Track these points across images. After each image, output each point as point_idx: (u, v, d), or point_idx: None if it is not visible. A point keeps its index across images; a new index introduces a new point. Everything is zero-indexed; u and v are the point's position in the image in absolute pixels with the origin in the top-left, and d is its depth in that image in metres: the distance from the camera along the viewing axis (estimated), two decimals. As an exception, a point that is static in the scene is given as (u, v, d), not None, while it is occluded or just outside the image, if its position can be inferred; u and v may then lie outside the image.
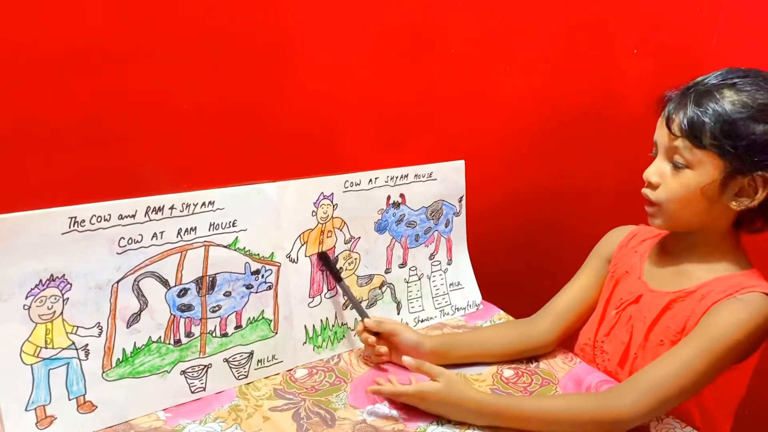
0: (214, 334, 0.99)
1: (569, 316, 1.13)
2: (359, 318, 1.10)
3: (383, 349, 1.06)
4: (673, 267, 1.03)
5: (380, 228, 1.18)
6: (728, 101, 0.91)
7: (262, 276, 1.03)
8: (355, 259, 1.15)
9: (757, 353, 0.97)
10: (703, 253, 1.00)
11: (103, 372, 0.90)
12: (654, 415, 0.92)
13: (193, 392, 0.97)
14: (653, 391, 0.90)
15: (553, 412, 0.92)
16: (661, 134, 0.97)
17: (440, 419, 0.95)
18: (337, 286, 1.12)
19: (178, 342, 0.96)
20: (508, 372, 1.09)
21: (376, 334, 1.07)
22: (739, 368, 0.96)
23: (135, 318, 0.92)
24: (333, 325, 1.12)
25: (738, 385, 1.00)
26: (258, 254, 1.02)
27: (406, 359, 0.97)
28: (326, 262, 1.10)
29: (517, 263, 1.51)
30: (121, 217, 0.88)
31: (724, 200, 0.94)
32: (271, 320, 1.04)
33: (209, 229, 0.96)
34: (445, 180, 1.24)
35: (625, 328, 1.05)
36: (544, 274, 1.22)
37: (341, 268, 1.13)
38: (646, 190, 0.99)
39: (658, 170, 0.97)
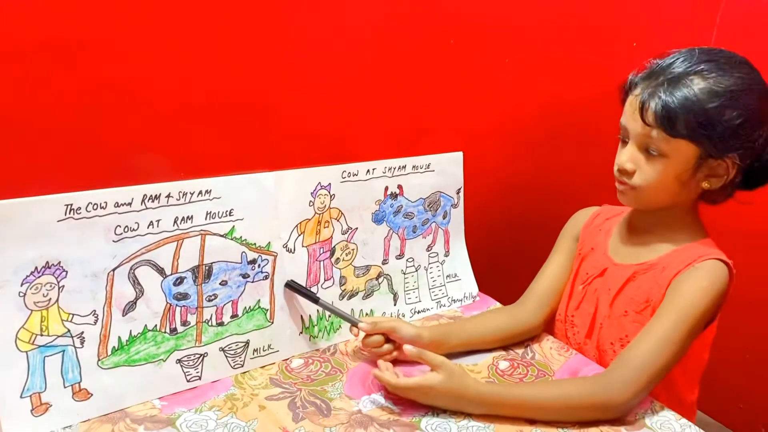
0: (210, 323, 0.99)
1: (551, 297, 1.17)
2: (351, 326, 1.10)
3: (389, 346, 1.05)
4: (637, 241, 1.07)
5: (378, 219, 1.18)
6: (698, 89, 0.92)
7: (259, 265, 1.02)
8: (353, 249, 1.15)
9: (716, 320, 1.01)
10: (667, 227, 1.04)
11: (99, 360, 0.90)
12: (644, 394, 0.95)
13: (188, 381, 0.97)
14: (640, 370, 0.93)
15: (549, 399, 0.94)
16: (632, 122, 0.97)
17: (435, 410, 0.95)
18: (317, 305, 1.08)
19: (173, 331, 0.96)
20: (503, 364, 1.09)
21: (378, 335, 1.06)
22: (701, 337, 1.00)
23: (131, 306, 0.92)
24: (329, 316, 1.12)
25: (701, 353, 1.04)
26: (254, 244, 1.01)
27: (407, 348, 0.97)
28: (297, 291, 1.07)
29: (514, 255, 1.50)
30: (117, 205, 0.88)
31: (696, 180, 0.98)
32: (267, 310, 1.04)
33: (206, 218, 0.96)
34: (443, 171, 1.24)
35: (591, 301, 1.09)
36: (540, 265, 1.22)
37: (338, 258, 1.13)
38: (621, 177, 1.00)
39: (631, 157, 0.98)
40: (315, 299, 1.07)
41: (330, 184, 1.10)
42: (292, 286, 1.06)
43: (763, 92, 0.96)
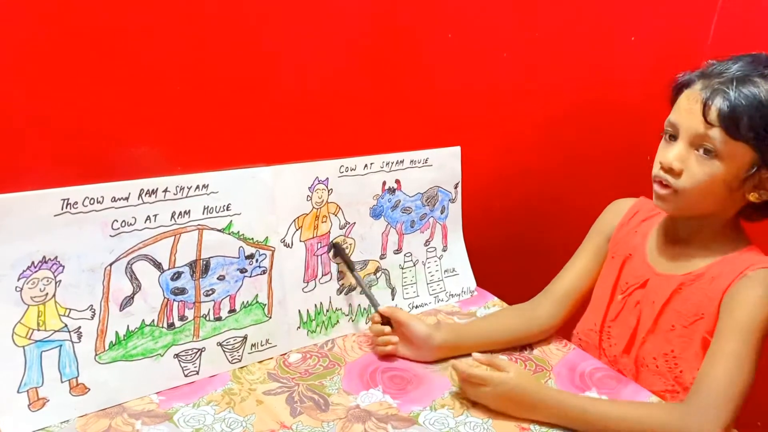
0: (207, 318, 0.99)
1: (571, 300, 1.12)
2: (372, 309, 1.10)
3: (395, 338, 1.05)
4: (677, 249, 1.02)
5: (375, 214, 1.17)
6: (765, 91, 0.88)
7: (256, 260, 1.02)
8: (350, 244, 1.15)
9: None
10: (708, 236, 0.99)
11: (96, 354, 0.90)
12: (731, 421, 0.88)
13: (186, 376, 0.97)
14: (727, 397, 0.88)
15: (633, 422, 0.89)
16: (689, 119, 0.91)
17: (433, 405, 0.95)
18: (351, 275, 1.12)
19: (171, 325, 0.96)
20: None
21: (386, 323, 1.07)
22: None
23: (128, 301, 0.91)
24: (327, 310, 1.12)
25: None
26: (252, 238, 1.01)
27: (477, 355, 0.96)
28: (340, 253, 1.11)
29: (512, 250, 1.51)
30: (114, 200, 0.88)
31: (743, 190, 0.93)
32: (264, 304, 1.04)
33: (203, 213, 0.96)
34: (441, 166, 1.24)
35: (632, 312, 1.04)
36: (538, 261, 1.22)
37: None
38: (665, 175, 0.94)
39: (680, 156, 0.92)
40: (352, 268, 1.11)
41: (328, 178, 1.09)
42: (336, 248, 1.10)
43: None
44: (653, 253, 1.05)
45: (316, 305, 1.10)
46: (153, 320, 0.94)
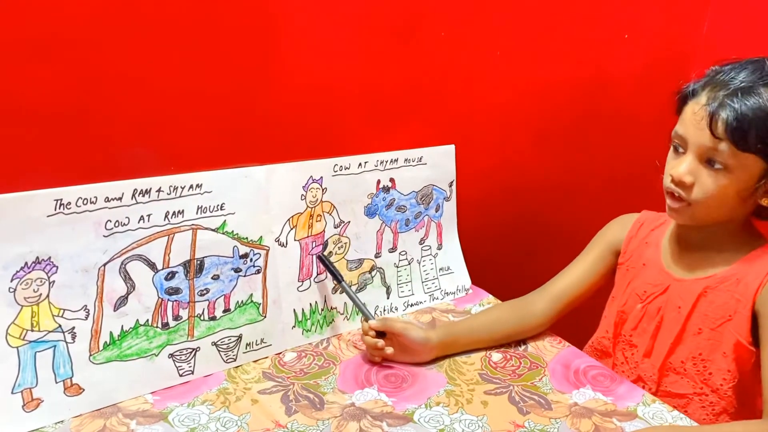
0: (202, 318, 0.99)
1: (566, 300, 1.13)
2: (364, 319, 1.08)
3: (390, 350, 1.04)
4: (694, 255, 1.02)
5: (370, 212, 1.17)
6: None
7: (251, 260, 1.02)
8: (345, 243, 1.15)
9: None
10: (723, 240, 0.99)
11: (90, 355, 0.90)
12: None
13: (181, 375, 0.97)
14: None
15: None
16: (696, 133, 0.91)
17: (428, 402, 0.95)
18: (339, 287, 1.12)
19: (165, 325, 0.96)
20: (496, 356, 1.09)
21: (382, 334, 1.05)
22: None
23: (122, 301, 0.91)
24: (322, 309, 1.12)
25: None
26: (246, 238, 1.01)
27: None
28: (326, 264, 1.11)
29: (507, 248, 1.51)
30: (107, 200, 0.88)
31: (755, 197, 0.93)
32: (259, 304, 1.04)
33: (197, 212, 0.96)
34: (435, 164, 1.24)
35: (653, 319, 1.04)
36: (532, 258, 1.22)
37: (331, 252, 1.13)
38: (676, 189, 0.94)
39: (691, 169, 0.92)
40: (339, 280, 1.10)
41: (322, 177, 1.09)
42: (322, 259, 1.10)
43: None
44: (669, 261, 1.05)
45: (310, 304, 1.10)
46: (147, 320, 0.94)
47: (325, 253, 1.12)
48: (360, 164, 1.14)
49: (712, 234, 0.99)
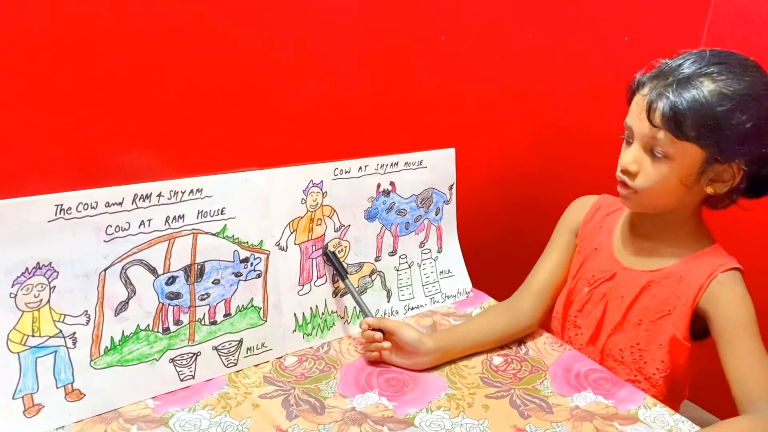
0: (203, 322, 0.99)
1: (548, 292, 1.16)
2: (363, 316, 1.09)
3: (386, 344, 1.04)
4: (643, 245, 1.06)
5: (370, 216, 1.17)
6: (708, 92, 0.90)
7: (251, 264, 1.02)
8: (345, 247, 1.15)
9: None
10: (672, 230, 1.03)
11: (91, 360, 0.90)
12: None
13: (182, 380, 0.97)
14: None
15: None
16: (638, 123, 0.95)
17: (429, 407, 0.95)
18: (342, 283, 1.12)
19: (166, 330, 0.96)
20: (497, 360, 1.09)
21: (379, 331, 1.06)
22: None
23: (123, 306, 0.91)
24: (323, 313, 1.12)
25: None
26: (247, 242, 1.01)
27: None
28: (332, 261, 1.11)
29: (507, 251, 1.51)
30: (108, 205, 0.88)
31: (701, 185, 0.96)
32: (260, 308, 1.04)
33: (197, 217, 0.96)
34: (435, 168, 1.24)
35: (598, 304, 1.09)
36: (533, 261, 1.22)
37: (333, 252, 1.13)
38: (623, 177, 0.99)
39: (635, 158, 0.96)
40: (344, 276, 1.10)
41: (322, 181, 1.09)
42: (329, 255, 1.10)
43: None
44: (619, 247, 1.09)
45: (311, 308, 1.10)
46: (148, 325, 0.94)
47: (324, 258, 1.12)
48: (360, 168, 1.14)
49: (662, 223, 1.03)
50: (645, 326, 1.04)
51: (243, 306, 1.02)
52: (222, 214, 0.98)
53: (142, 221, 0.91)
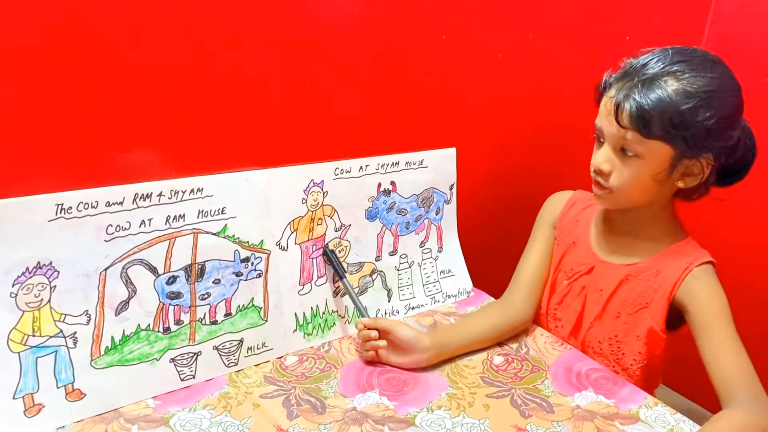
0: (203, 322, 0.99)
1: (537, 287, 1.18)
2: (359, 316, 1.09)
3: (382, 343, 1.04)
4: (620, 239, 1.09)
5: (371, 215, 1.17)
6: (672, 91, 0.92)
7: (252, 263, 1.02)
8: (346, 246, 1.15)
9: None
10: (647, 225, 1.06)
11: (92, 360, 0.90)
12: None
13: (182, 380, 0.97)
14: (755, 375, 0.94)
15: None
16: (607, 124, 0.97)
17: (430, 406, 0.95)
18: (340, 283, 1.12)
19: (167, 330, 0.95)
20: (498, 359, 1.09)
21: (374, 331, 1.05)
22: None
23: (123, 306, 0.91)
24: (323, 313, 1.12)
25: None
26: (247, 242, 1.01)
27: None
28: (330, 259, 1.11)
29: (508, 250, 1.50)
30: (108, 204, 0.88)
31: (672, 180, 0.99)
32: (260, 308, 1.04)
33: (198, 217, 0.96)
34: (436, 168, 1.24)
35: (578, 298, 1.12)
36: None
37: (333, 252, 1.13)
38: (597, 177, 1.01)
39: (608, 158, 0.98)
40: (342, 276, 1.10)
41: (323, 181, 1.09)
42: (329, 253, 1.11)
43: (736, 92, 0.96)
44: (597, 241, 1.12)
45: (312, 308, 1.10)
46: (149, 325, 0.94)
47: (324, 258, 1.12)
48: (361, 167, 1.14)
49: (636, 218, 1.05)
50: (623, 319, 1.06)
51: (243, 306, 1.02)
52: (222, 213, 0.98)
53: (143, 221, 0.91)
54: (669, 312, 1.03)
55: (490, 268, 1.36)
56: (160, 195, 0.92)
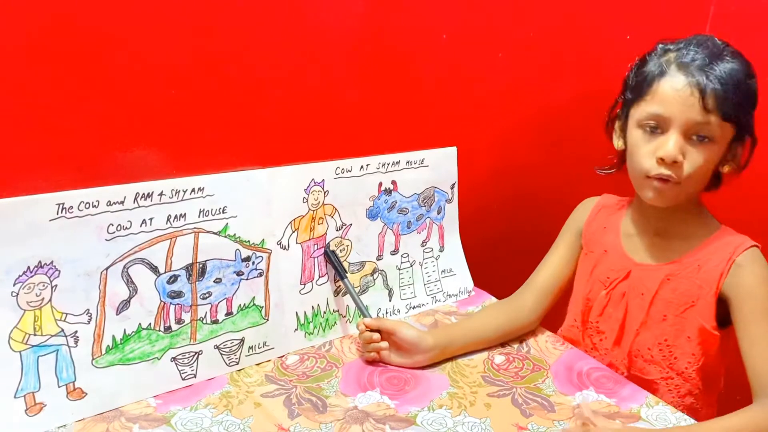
0: (204, 321, 0.99)
1: (551, 292, 1.15)
2: (360, 316, 1.09)
3: (384, 344, 1.04)
4: (652, 238, 1.05)
5: (372, 215, 1.17)
6: (737, 69, 0.91)
7: (253, 263, 1.02)
8: (347, 246, 1.15)
9: None
10: (680, 219, 1.02)
11: (93, 359, 0.90)
12: None
13: (183, 379, 0.97)
14: None
15: None
16: (682, 109, 0.91)
17: (431, 405, 0.95)
18: (341, 283, 1.12)
19: (168, 329, 0.96)
20: (499, 358, 1.09)
21: (377, 332, 1.05)
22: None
23: (124, 305, 0.91)
24: (324, 312, 1.12)
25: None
26: (248, 241, 1.01)
27: None
28: (331, 259, 1.11)
29: (509, 250, 1.50)
30: (109, 204, 0.88)
31: (719, 165, 0.97)
32: (262, 307, 1.04)
33: (199, 216, 0.96)
34: (437, 167, 1.24)
35: (619, 305, 1.07)
36: (534, 259, 1.21)
37: (334, 251, 1.12)
38: (667, 171, 0.93)
39: (680, 147, 0.92)
40: (343, 276, 1.10)
41: (324, 180, 1.09)
42: (330, 253, 1.10)
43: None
44: (629, 245, 1.08)
45: (313, 307, 1.10)
46: (150, 324, 0.94)
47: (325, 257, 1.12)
48: (362, 167, 1.14)
49: (669, 215, 1.01)
50: (670, 321, 1.01)
51: (245, 305, 1.02)
52: (223, 212, 0.98)
53: (144, 220, 0.91)
54: (718, 307, 0.98)
55: (492, 267, 1.36)
56: (161, 194, 0.92)
